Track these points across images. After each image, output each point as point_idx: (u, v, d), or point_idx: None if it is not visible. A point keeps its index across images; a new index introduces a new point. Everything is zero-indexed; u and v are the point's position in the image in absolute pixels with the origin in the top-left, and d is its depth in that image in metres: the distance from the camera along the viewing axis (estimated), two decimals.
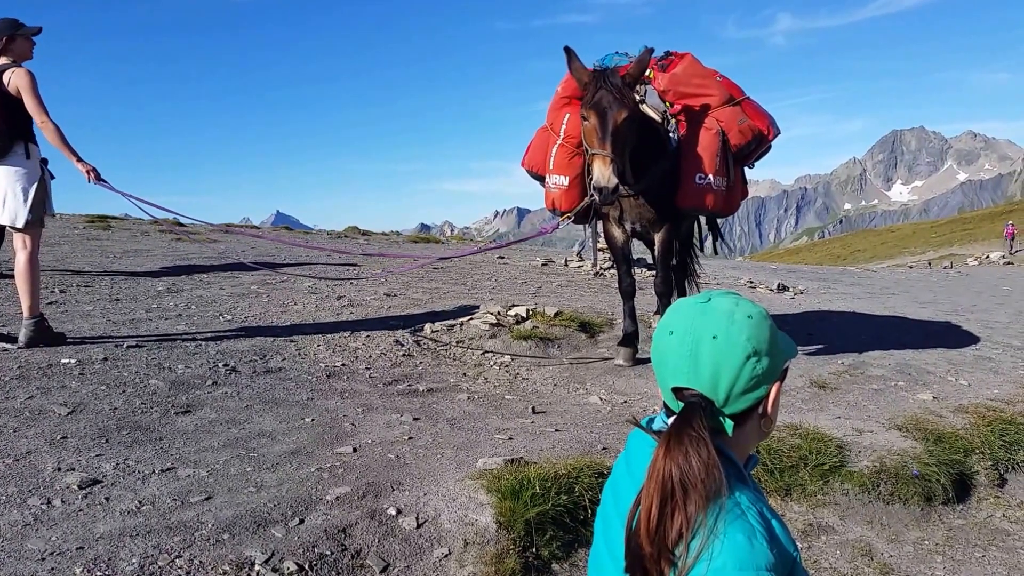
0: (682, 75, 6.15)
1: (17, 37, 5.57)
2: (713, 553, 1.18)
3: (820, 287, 14.07)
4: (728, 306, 1.35)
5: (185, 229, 13.81)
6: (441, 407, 5.05)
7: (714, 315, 1.34)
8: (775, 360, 1.34)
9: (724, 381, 1.31)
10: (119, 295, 7.41)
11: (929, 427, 5.10)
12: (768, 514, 1.29)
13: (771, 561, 1.19)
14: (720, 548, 1.18)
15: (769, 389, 1.35)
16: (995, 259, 34.03)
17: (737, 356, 1.31)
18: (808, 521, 4.04)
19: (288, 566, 2.87)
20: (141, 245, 11.42)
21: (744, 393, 1.32)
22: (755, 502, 1.27)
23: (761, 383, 1.33)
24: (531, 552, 3.27)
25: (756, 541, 1.20)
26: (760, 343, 1.32)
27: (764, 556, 1.19)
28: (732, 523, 1.21)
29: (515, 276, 11.01)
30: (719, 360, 1.31)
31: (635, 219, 6.24)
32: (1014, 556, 3.94)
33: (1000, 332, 9.15)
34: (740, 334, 1.31)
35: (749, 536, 1.20)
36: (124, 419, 4.22)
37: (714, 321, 1.33)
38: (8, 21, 5.59)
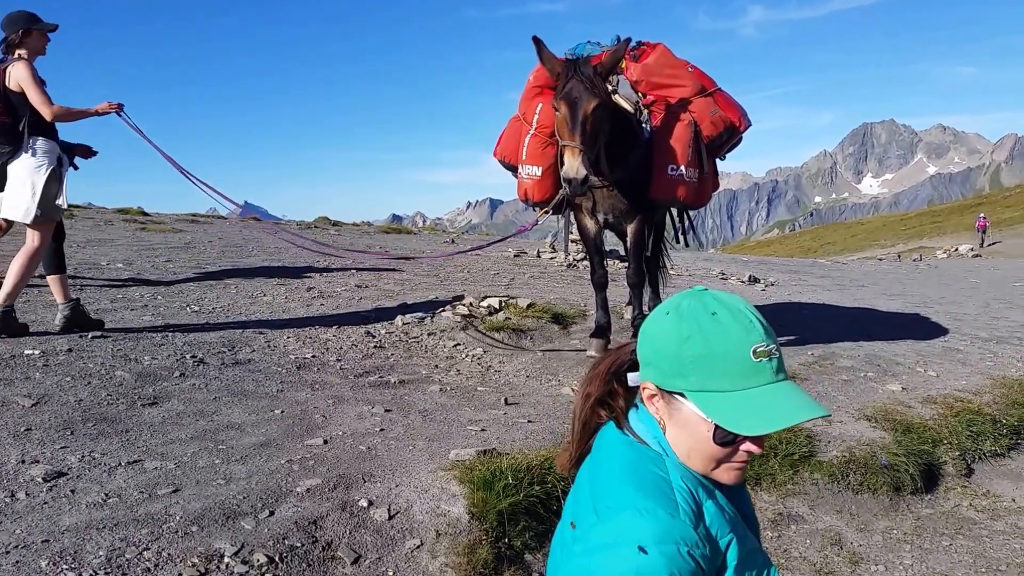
0: (654, 65, 6.13)
1: (33, 31, 5.53)
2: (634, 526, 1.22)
3: (791, 279, 14.20)
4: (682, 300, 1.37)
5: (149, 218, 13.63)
6: (413, 399, 5.02)
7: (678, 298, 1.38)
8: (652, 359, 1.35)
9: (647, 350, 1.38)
10: (82, 285, 7.26)
11: (898, 418, 5.17)
12: (702, 495, 1.32)
13: (692, 538, 1.23)
14: (640, 521, 1.22)
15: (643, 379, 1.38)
16: (964, 251, 34.61)
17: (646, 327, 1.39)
18: (778, 511, 4.07)
19: (258, 558, 2.84)
20: (104, 234, 11.23)
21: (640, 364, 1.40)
22: (688, 482, 1.31)
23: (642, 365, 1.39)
24: (503, 542, 3.27)
25: (679, 518, 1.24)
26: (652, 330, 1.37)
27: (685, 532, 1.23)
28: (655, 498, 1.26)
29: (487, 267, 10.98)
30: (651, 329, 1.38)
31: (608, 210, 6.23)
32: (980, 544, 4.00)
33: (968, 324, 9.30)
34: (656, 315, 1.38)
35: (671, 512, 1.24)
36: (89, 411, 4.14)
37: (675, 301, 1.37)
38: (25, 14, 5.54)
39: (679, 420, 1.33)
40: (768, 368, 1.27)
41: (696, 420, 1.30)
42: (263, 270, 9.02)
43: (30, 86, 5.33)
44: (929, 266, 23.19)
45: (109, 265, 8.39)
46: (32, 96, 5.34)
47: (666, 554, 1.19)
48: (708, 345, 1.27)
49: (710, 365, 1.27)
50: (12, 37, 5.50)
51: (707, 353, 1.27)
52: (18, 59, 5.44)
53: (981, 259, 29.35)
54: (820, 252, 55.34)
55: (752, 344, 1.27)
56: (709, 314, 1.29)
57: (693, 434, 1.31)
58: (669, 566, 1.18)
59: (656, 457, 1.34)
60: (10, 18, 5.52)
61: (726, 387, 1.26)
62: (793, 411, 1.27)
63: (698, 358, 1.27)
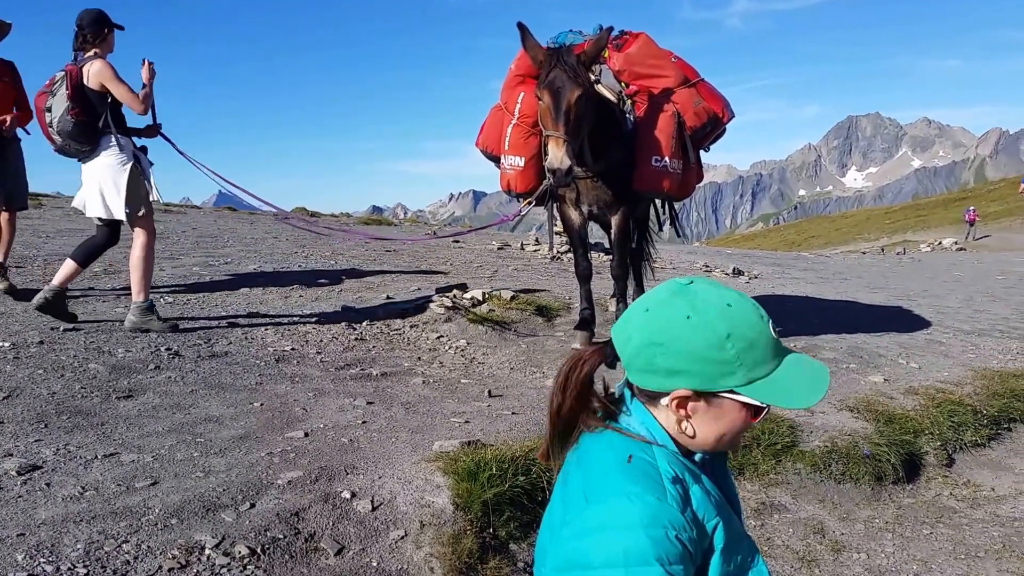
0: (636, 55, 6.10)
1: (106, 30, 5.56)
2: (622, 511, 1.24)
3: (774, 272, 14.25)
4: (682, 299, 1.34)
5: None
6: (395, 391, 4.99)
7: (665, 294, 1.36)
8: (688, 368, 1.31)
9: (628, 348, 1.36)
10: (52, 276, 7.15)
11: (880, 408, 5.19)
12: (689, 480, 1.34)
13: (680, 522, 1.25)
14: (628, 506, 1.24)
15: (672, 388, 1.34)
16: (947, 245, 34.84)
17: (642, 334, 1.34)
18: (761, 500, 4.08)
19: (240, 550, 2.82)
20: (75, 224, 11.06)
21: (642, 372, 1.36)
22: (675, 467, 1.33)
23: (659, 374, 1.33)
24: (488, 533, 3.27)
25: (666, 503, 1.25)
26: (668, 338, 1.31)
27: (672, 516, 1.25)
28: (642, 482, 1.27)
29: (471, 260, 10.94)
30: (634, 328, 1.36)
31: (592, 202, 6.20)
32: (960, 533, 4.03)
33: (951, 317, 9.35)
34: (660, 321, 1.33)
35: (659, 497, 1.26)
36: (63, 404, 4.10)
37: (657, 297, 1.36)
38: (100, 14, 5.55)
39: (716, 415, 1.34)
40: (780, 341, 1.35)
41: (735, 409, 1.33)
42: (239, 261, 8.93)
43: (115, 83, 5.37)
44: (913, 259, 23.34)
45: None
46: (120, 93, 5.40)
47: (654, 537, 1.21)
48: (746, 337, 1.29)
49: (753, 355, 1.30)
50: (99, 34, 5.51)
51: (748, 345, 1.29)
52: (95, 57, 5.45)
53: (965, 253, 29.56)
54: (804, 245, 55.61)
55: (768, 322, 1.33)
56: (726, 306, 1.31)
57: (731, 422, 1.34)
58: (657, 549, 1.20)
59: (644, 445, 1.36)
60: (96, 16, 5.52)
61: (768, 370, 1.31)
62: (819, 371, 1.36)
63: (741, 352, 1.29)
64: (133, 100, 5.42)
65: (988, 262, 20.57)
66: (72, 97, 5.34)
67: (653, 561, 1.20)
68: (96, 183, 5.48)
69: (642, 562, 1.20)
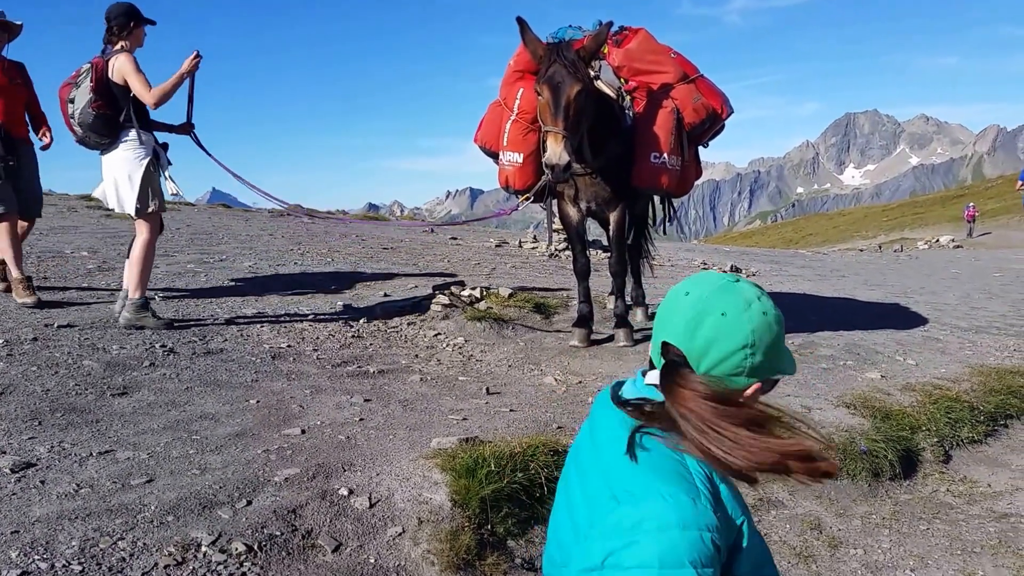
0: (636, 51, 6.09)
1: (140, 25, 5.62)
2: (658, 513, 1.24)
3: (772, 269, 14.26)
4: (750, 294, 1.41)
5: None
6: (393, 388, 4.98)
7: (735, 296, 1.40)
8: (767, 363, 1.39)
9: (711, 356, 1.38)
10: (47, 273, 7.13)
11: (877, 405, 5.19)
12: (718, 480, 1.35)
13: (714, 523, 1.25)
14: (664, 508, 1.24)
15: (747, 386, 1.40)
16: (945, 243, 34.80)
17: (736, 340, 1.37)
18: (758, 496, 4.08)
19: (236, 547, 2.81)
20: (68, 221, 11.03)
21: (725, 376, 1.38)
22: (704, 467, 1.33)
23: (741, 376, 1.38)
24: (486, 529, 3.26)
25: (700, 503, 1.26)
26: (761, 340, 1.37)
27: (707, 517, 1.25)
28: (677, 483, 1.28)
29: (468, 257, 10.93)
30: (718, 335, 1.37)
31: (590, 198, 6.19)
32: (956, 528, 4.03)
33: (948, 314, 9.35)
34: (748, 323, 1.37)
35: (694, 498, 1.26)
36: (57, 401, 4.08)
37: (732, 301, 1.39)
38: (128, 7, 5.58)
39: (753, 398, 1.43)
40: None
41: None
42: (235, 258, 8.91)
43: (133, 76, 5.39)
44: (910, 257, 23.35)
45: (74, 253, 8.23)
46: (134, 85, 5.40)
47: (689, 540, 1.22)
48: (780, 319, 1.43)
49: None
50: (126, 27, 5.53)
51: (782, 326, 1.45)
52: (121, 51, 5.48)
53: (962, 250, 29.55)
54: (802, 243, 55.60)
55: None
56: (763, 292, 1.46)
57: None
58: (691, 551, 1.21)
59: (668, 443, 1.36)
60: (124, 8, 5.55)
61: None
62: None
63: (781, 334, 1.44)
64: (144, 92, 5.40)
65: (985, 259, 20.58)
66: (95, 90, 5.40)
67: (687, 564, 1.20)
68: (112, 176, 5.52)
69: (677, 564, 1.20)
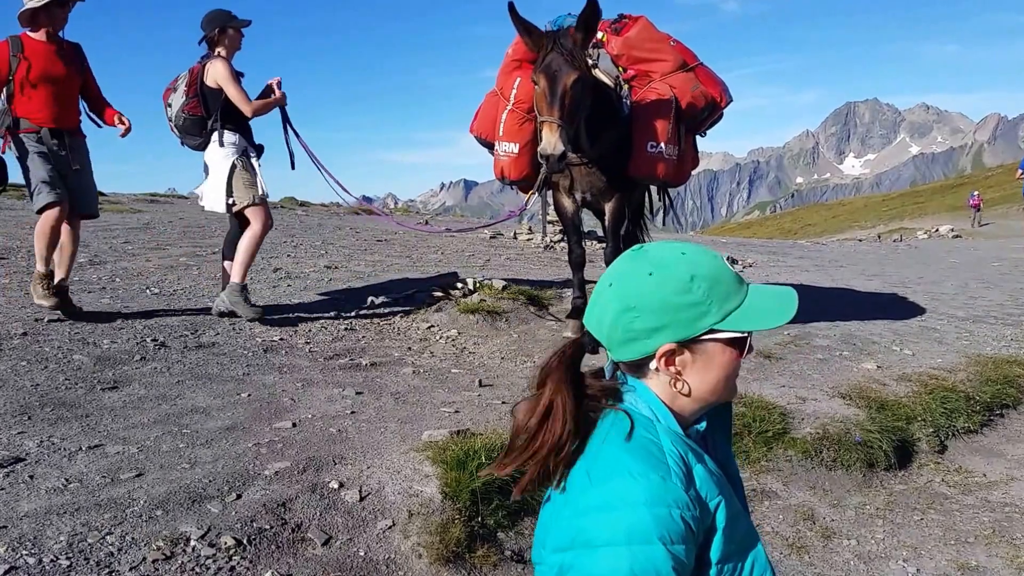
0: (635, 39, 6.03)
1: (229, 29, 5.71)
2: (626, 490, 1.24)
3: (769, 260, 14.24)
4: (641, 258, 1.38)
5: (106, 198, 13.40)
6: (385, 381, 4.96)
7: (624, 263, 1.40)
8: (665, 321, 1.34)
9: (604, 327, 1.39)
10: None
11: (872, 395, 5.17)
12: (692, 460, 1.33)
13: (684, 500, 1.24)
14: (633, 485, 1.24)
15: (656, 348, 1.35)
16: (944, 232, 34.76)
17: (613, 305, 1.36)
18: (752, 487, 4.07)
19: (225, 541, 2.81)
20: None
21: (624, 343, 1.37)
22: (678, 446, 1.33)
23: (640, 338, 1.35)
24: (477, 521, 3.25)
25: (670, 481, 1.25)
26: (639, 300, 1.34)
27: (676, 494, 1.24)
28: (647, 461, 1.27)
29: (462, 249, 10.91)
30: (604, 306, 1.38)
31: (586, 188, 6.14)
32: (950, 518, 4.02)
33: (946, 303, 9.33)
34: (627, 287, 1.36)
35: (664, 476, 1.25)
36: (47, 395, 4.07)
37: (618, 269, 1.39)
38: (223, 13, 5.71)
39: (705, 361, 1.36)
40: (740, 274, 1.40)
41: (721, 350, 1.36)
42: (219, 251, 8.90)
43: (229, 84, 5.55)
44: (909, 247, 23.33)
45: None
46: (232, 94, 5.57)
47: (657, 516, 1.21)
48: (710, 273, 1.34)
49: (720, 288, 1.34)
50: (212, 35, 5.70)
51: (713, 282, 1.34)
52: (217, 57, 5.65)
53: (961, 239, 29.53)
54: (800, 233, 55.57)
55: (722, 258, 1.39)
56: (681, 254, 1.37)
57: (722, 364, 1.37)
58: (660, 528, 1.20)
59: (647, 423, 1.35)
60: (209, 16, 5.69)
61: (738, 300, 1.36)
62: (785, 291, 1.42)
63: (710, 288, 1.33)
64: (243, 102, 5.61)
65: (985, 248, 20.57)
66: (188, 93, 5.62)
67: (655, 539, 1.20)
68: (206, 176, 5.78)
69: (645, 540, 1.20)
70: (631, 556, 1.19)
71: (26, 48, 5.24)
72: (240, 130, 5.79)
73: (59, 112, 5.40)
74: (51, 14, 5.27)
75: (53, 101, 5.35)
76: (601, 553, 1.21)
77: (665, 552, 1.19)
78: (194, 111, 5.64)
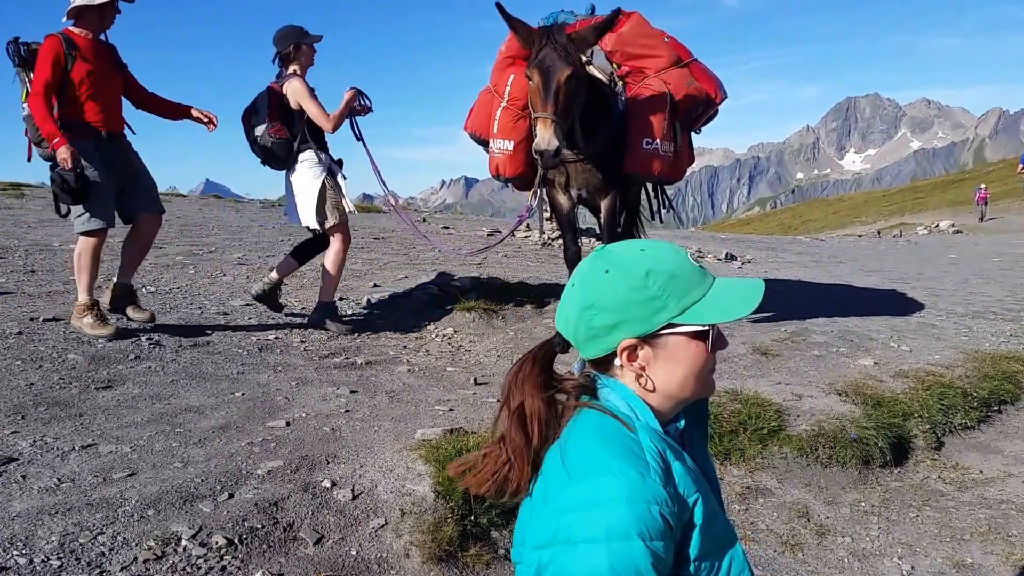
0: (629, 35, 6.01)
1: (303, 45, 5.71)
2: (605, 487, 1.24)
3: (768, 256, 14.22)
4: (600, 258, 1.40)
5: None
6: (380, 379, 4.96)
7: (586, 264, 1.42)
8: (621, 317, 1.35)
9: (569, 326, 1.41)
10: (35, 267, 7.10)
11: (868, 392, 5.15)
12: (671, 456, 1.34)
13: (662, 496, 1.25)
14: (612, 481, 1.24)
15: (616, 344, 1.37)
16: (944, 228, 34.67)
17: (575, 305, 1.39)
18: (746, 484, 4.06)
19: (217, 540, 2.80)
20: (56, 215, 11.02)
21: (588, 340, 1.39)
22: (656, 443, 1.33)
23: (600, 335, 1.37)
24: (469, 520, 3.24)
25: (649, 478, 1.25)
26: (596, 298, 1.36)
27: (655, 491, 1.24)
28: (626, 458, 1.27)
29: (460, 246, 10.89)
30: (568, 305, 1.41)
31: (581, 185, 6.13)
32: (946, 515, 4.01)
33: (945, 299, 9.30)
34: (586, 286, 1.38)
35: (642, 472, 1.25)
36: (41, 395, 4.07)
37: (581, 270, 1.42)
38: (296, 29, 5.71)
39: (668, 356, 1.37)
40: (703, 267, 1.41)
41: (685, 344, 1.37)
42: (224, 249, 8.88)
43: (308, 101, 5.60)
44: (909, 242, 23.30)
45: (62, 247, 8.20)
46: (312, 111, 5.63)
47: (636, 513, 1.21)
48: (667, 268, 1.35)
49: (678, 283, 1.35)
50: (286, 51, 5.69)
51: (670, 275, 1.35)
52: (293, 75, 5.67)
53: (962, 235, 29.47)
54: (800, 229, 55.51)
55: (687, 253, 1.41)
56: (640, 251, 1.38)
57: (687, 359, 1.37)
58: (639, 524, 1.20)
59: (626, 419, 1.36)
60: (283, 33, 5.71)
61: (699, 294, 1.36)
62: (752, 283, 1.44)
63: (666, 283, 1.34)
64: (322, 119, 5.63)
65: (985, 244, 20.54)
66: (271, 116, 5.63)
67: (635, 536, 1.20)
68: (295, 194, 5.82)
69: (623, 537, 1.20)
70: (610, 553, 1.20)
71: (80, 47, 4.95)
72: (323, 147, 5.88)
73: (114, 115, 5.23)
74: (104, 14, 5.02)
75: (107, 104, 5.14)
76: (580, 550, 1.22)
77: (644, 548, 1.20)
78: (279, 134, 5.66)
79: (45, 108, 4.74)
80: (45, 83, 4.78)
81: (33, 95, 4.79)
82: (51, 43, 4.85)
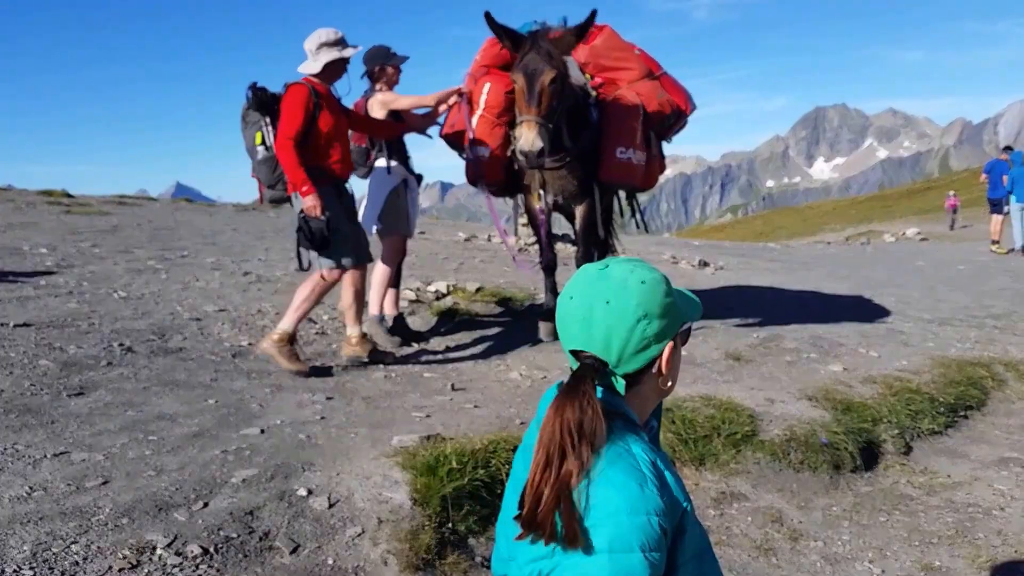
0: (602, 47, 6.12)
1: (388, 66, 5.90)
2: (607, 499, 1.27)
3: (740, 263, 14.35)
4: (622, 273, 1.43)
5: (74, 200, 13.22)
6: (356, 385, 4.95)
7: (609, 281, 1.42)
8: (667, 321, 1.43)
9: (616, 344, 1.41)
10: (4, 270, 7.00)
11: (838, 397, 5.23)
12: (662, 465, 1.38)
13: (661, 507, 1.28)
14: (613, 494, 1.27)
15: (662, 349, 1.44)
16: (911, 235, 35.16)
17: (628, 320, 1.40)
18: (721, 489, 4.10)
19: (192, 549, 2.77)
20: (27, 217, 10.84)
21: (636, 353, 1.42)
22: (648, 453, 1.37)
23: (652, 344, 1.42)
24: (447, 527, 3.24)
25: (647, 488, 1.29)
26: (650, 307, 1.41)
27: (654, 502, 1.28)
28: (626, 471, 1.30)
29: (436, 251, 10.88)
30: (611, 324, 1.40)
31: (557, 192, 6.18)
32: (915, 519, 4.07)
33: (913, 306, 9.45)
34: (631, 299, 1.40)
35: (641, 483, 1.29)
36: (12, 402, 4.01)
37: (608, 287, 1.42)
38: (383, 50, 5.91)
39: (677, 355, 1.50)
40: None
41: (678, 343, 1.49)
42: (197, 254, 8.79)
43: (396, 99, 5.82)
44: (877, 249, 23.60)
45: (32, 250, 8.10)
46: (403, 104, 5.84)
47: (637, 525, 1.25)
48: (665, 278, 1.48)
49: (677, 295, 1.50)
50: (372, 70, 5.89)
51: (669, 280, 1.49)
52: (378, 91, 5.87)
53: (928, 242, 29.93)
54: (771, 236, 56.01)
55: None
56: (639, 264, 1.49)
57: (678, 356, 1.51)
58: (639, 536, 1.24)
59: (621, 432, 1.39)
60: (371, 53, 5.90)
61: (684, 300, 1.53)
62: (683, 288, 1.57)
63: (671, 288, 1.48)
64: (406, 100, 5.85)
65: (950, 252, 20.87)
66: None
67: (636, 548, 1.24)
68: (362, 199, 5.92)
69: (625, 549, 1.24)
70: (612, 564, 1.23)
71: (321, 97, 5.06)
72: (400, 158, 5.99)
73: (348, 162, 5.34)
74: (338, 69, 5.20)
75: (344, 151, 5.24)
76: (583, 560, 1.25)
77: (643, 560, 1.24)
78: (359, 141, 5.86)
79: (295, 156, 4.83)
80: (296, 131, 4.85)
81: (284, 141, 4.84)
82: (302, 92, 4.94)
